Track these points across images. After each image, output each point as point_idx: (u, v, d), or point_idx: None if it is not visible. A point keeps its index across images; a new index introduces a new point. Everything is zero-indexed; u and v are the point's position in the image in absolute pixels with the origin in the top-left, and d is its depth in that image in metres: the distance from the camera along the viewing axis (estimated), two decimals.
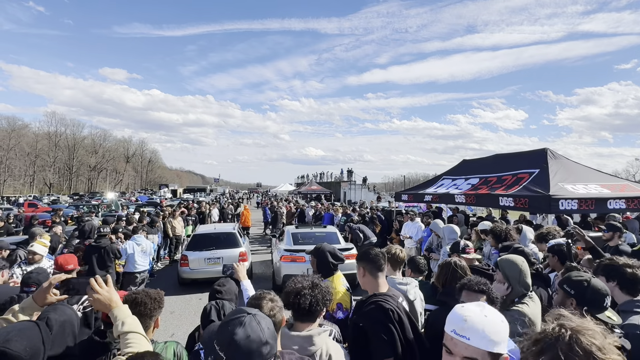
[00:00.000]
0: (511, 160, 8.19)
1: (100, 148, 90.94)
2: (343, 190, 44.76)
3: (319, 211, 16.12)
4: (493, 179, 7.77)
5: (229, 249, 8.60)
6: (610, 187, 6.97)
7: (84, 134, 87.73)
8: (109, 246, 6.38)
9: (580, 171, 7.52)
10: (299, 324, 2.07)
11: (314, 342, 1.97)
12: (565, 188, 6.50)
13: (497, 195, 6.96)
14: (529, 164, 7.35)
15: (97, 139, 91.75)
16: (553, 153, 7.72)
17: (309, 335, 1.99)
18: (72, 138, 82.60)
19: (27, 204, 28.97)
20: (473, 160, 10.44)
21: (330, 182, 51.02)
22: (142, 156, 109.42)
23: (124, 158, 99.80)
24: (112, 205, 26.34)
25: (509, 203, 6.74)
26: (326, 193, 37.22)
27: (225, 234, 9.11)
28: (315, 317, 2.07)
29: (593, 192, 6.62)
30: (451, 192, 8.35)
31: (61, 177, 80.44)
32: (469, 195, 7.80)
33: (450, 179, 9.42)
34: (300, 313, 2.05)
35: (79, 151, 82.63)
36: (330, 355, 2.00)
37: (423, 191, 9.74)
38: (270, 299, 1.84)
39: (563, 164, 7.52)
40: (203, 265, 8.30)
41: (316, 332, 2.01)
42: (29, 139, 72.83)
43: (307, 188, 39.70)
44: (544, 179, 6.58)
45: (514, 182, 7.02)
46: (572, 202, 6.23)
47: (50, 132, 78.82)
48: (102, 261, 6.26)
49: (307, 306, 2.01)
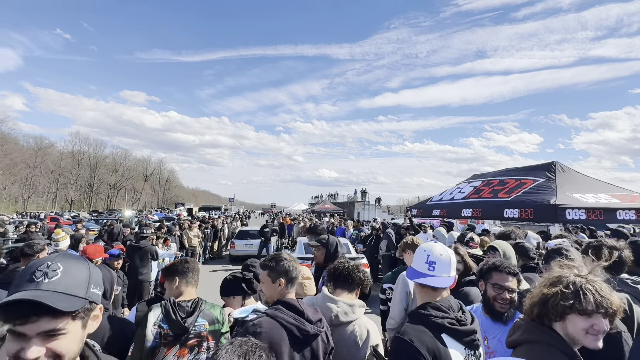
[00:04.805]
0: (519, 171, 8.30)
1: (120, 167, 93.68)
2: (357, 211, 44.59)
3: (331, 226, 16.28)
4: (495, 181, 7.88)
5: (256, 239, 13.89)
6: (620, 197, 6.97)
7: (106, 153, 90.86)
8: (148, 247, 6.88)
9: (590, 183, 7.53)
10: (338, 291, 2.28)
11: (354, 311, 2.16)
12: (573, 197, 6.54)
13: (502, 207, 6.99)
14: (535, 174, 7.45)
15: (117, 158, 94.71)
16: (562, 166, 7.79)
17: (352, 303, 2.18)
18: (95, 157, 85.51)
19: (49, 217, 29.94)
20: (483, 173, 10.57)
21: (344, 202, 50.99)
22: (160, 175, 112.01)
23: (143, 177, 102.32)
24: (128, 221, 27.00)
25: (514, 214, 6.74)
26: (339, 212, 37.24)
27: (254, 231, 14.91)
28: (353, 289, 2.29)
29: (602, 202, 6.63)
30: (456, 198, 8.47)
31: (82, 195, 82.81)
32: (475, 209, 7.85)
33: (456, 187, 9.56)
34: (340, 280, 2.28)
35: (100, 169, 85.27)
36: (368, 330, 2.18)
37: (431, 202, 9.87)
38: (287, 255, 2.08)
39: (572, 175, 7.57)
40: (242, 247, 14.13)
41: (358, 303, 2.21)
42: (54, 157, 75.79)
43: (321, 207, 39.86)
44: (548, 186, 6.66)
45: (516, 185, 7.11)
46: (579, 211, 6.25)
47: (74, 150, 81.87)
48: (142, 259, 6.77)
49: (347, 273, 2.27)
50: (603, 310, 1.37)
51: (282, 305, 1.88)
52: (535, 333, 1.48)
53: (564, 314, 1.43)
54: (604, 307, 1.37)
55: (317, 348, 1.85)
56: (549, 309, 1.46)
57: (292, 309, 1.86)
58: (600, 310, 1.37)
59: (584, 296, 1.39)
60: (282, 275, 1.96)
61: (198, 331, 2.13)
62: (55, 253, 1.02)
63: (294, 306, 1.88)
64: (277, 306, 1.88)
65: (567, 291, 1.42)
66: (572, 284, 1.44)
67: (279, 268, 1.97)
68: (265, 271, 2.00)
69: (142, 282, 6.63)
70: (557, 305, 1.43)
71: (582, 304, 1.38)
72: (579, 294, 1.40)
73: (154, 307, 2.14)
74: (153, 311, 2.11)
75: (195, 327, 2.13)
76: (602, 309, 1.37)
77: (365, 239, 11.43)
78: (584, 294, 1.39)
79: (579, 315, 1.39)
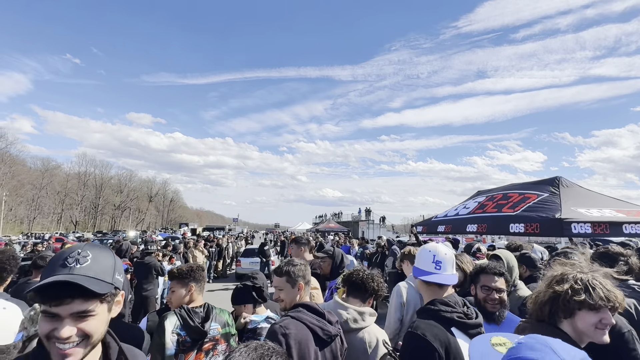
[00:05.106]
0: (522, 186, 8.32)
1: (125, 187, 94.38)
2: (361, 230, 44.24)
3: (336, 244, 16.23)
4: (499, 195, 7.89)
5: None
6: (626, 212, 6.94)
7: (111, 174, 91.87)
8: (152, 262, 6.87)
9: (594, 197, 7.52)
10: (351, 299, 2.32)
11: (364, 319, 2.19)
12: (578, 211, 6.52)
13: (507, 222, 6.95)
14: (538, 189, 7.47)
15: (123, 179, 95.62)
16: (565, 181, 7.80)
17: (363, 311, 2.22)
18: (100, 178, 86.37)
19: (55, 238, 30.07)
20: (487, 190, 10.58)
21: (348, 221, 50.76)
22: (164, 196, 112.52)
23: (147, 197, 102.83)
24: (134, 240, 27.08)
25: (520, 229, 6.69)
26: (344, 231, 37.00)
27: (258, 249, 14.98)
28: (365, 298, 2.31)
29: (608, 216, 6.61)
30: (461, 214, 8.47)
31: (87, 215, 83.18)
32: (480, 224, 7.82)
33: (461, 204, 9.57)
34: (353, 288, 2.32)
35: (105, 190, 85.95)
36: (377, 338, 2.19)
37: (436, 219, 9.87)
38: (298, 259, 2.15)
39: (576, 190, 7.56)
40: (248, 265, 14.76)
41: (368, 311, 2.24)
42: (60, 179, 76.64)
43: (325, 226, 39.61)
44: (553, 200, 6.67)
45: (521, 200, 7.11)
46: (585, 225, 6.23)
47: (80, 172, 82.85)
48: (146, 275, 6.76)
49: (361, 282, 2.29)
50: (611, 304, 1.42)
51: (304, 307, 1.93)
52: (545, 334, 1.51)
53: (574, 310, 1.45)
54: (611, 301, 1.42)
55: (336, 348, 1.90)
56: (559, 306, 1.48)
57: (314, 311, 1.92)
58: (608, 304, 1.42)
59: (593, 291, 1.42)
60: (300, 279, 2.03)
61: (212, 335, 2.19)
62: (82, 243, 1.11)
63: (315, 308, 1.94)
64: (299, 309, 1.92)
65: (577, 287, 1.45)
66: (579, 280, 1.47)
67: (297, 272, 2.03)
68: (283, 277, 2.04)
69: (148, 298, 6.64)
70: (569, 301, 1.45)
71: (593, 299, 1.41)
72: (589, 289, 1.43)
73: (169, 315, 2.18)
74: (169, 319, 2.15)
75: (210, 331, 2.18)
76: (610, 302, 1.42)
77: (371, 256, 11.42)
78: (593, 288, 1.43)
79: (589, 311, 1.42)
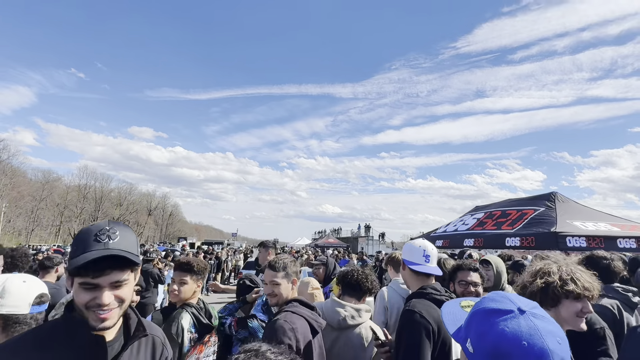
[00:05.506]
0: (520, 202, 8.46)
1: (125, 201, 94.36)
2: (360, 246, 44.08)
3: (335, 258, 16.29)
4: (497, 212, 8.01)
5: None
6: (620, 226, 7.06)
7: (111, 187, 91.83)
8: (150, 270, 6.96)
9: (590, 212, 7.65)
10: (346, 297, 2.43)
11: (361, 315, 2.32)
12: (573, 224, 6.64)
13: (503, 236, 7.09)
14: (535, 204, 7.60)
15: (122, 192, 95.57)
16: (561, 196, 7.94)
17: (359, 307, 2.34)
18: (100, 190, 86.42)
19: (53, 249, 29.95)
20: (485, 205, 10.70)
21: (348, 237, 50.62)
22: (163, 210, 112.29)
23: (147, 211, 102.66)
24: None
25: (515, 243, 6.83)
26: (343, 246, 36.85)
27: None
28: (360, 296, 2.43)
29: (603, 230, 6.71)
30: (459, 230, 8.57)
31: None
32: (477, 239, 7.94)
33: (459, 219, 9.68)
34: (349, 287, 2.43)
35: (104, 203, 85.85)
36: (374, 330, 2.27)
37: (434, 234, 9.96)
38: (287, 255, 2.28)
39: (571, 205, 7.71)
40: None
41: (364, 308, 2.37)
42: (60, 191, 76.74)
43: (325, 241, 39.52)
44: (549, 214, 6.79)
45: (518, 217, 7.24)
46: (580, 239, 6.34)
47: (81, 184, 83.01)
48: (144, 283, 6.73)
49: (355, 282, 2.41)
50: (590, 294, 1.54)
51: (298, 302, 2.05)
52: None
53: (560, 299, 1.57)
54: (591, 291, 1.54)
55: (321, 338, 2.03)
56: (548, 295, 1.59)
57: (306, 305, 2.05)
58: (590, 294, 1.54)
59: (578, 281, 1.56)
60: (295, 275, 2.15)
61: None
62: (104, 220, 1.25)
63: (307, 303, 2.07)
64: (294, 304, 2.03)
65: (566, 277, 1.59)
66: (566, 272, 1.61)
67: (293, 268, 2.15)
68: (279, 273, 2.10)
69: (146, 305, 6.66)
70: (558, 290, 1.57)
71: (579, 288, 1.55)
72: (574, 280, 1.57)
73: (183, 315, 2.21)
74: (184, 319, 2.19)
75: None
76: (590, 292, 1.54)
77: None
78: (577, 279, 1.57)
79: (573, 300, 1.55)
